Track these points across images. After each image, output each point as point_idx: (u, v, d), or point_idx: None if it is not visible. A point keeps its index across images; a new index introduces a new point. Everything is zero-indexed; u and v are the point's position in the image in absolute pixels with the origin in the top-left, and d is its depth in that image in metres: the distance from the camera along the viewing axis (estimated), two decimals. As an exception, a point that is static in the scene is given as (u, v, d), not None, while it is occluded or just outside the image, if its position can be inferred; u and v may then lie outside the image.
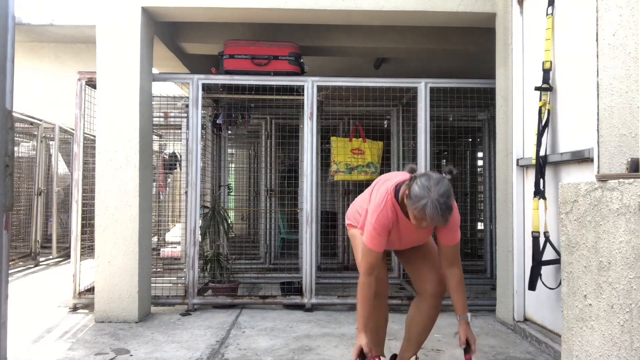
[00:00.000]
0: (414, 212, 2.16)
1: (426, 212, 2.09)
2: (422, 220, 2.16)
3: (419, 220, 2.17)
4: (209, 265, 4.60)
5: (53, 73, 8.48)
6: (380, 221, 2.33)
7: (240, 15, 4.13)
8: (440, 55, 5.60)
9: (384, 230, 2.35)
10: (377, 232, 2.34)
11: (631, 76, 2.31)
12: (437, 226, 2.28)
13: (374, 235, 2.34)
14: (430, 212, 2.09)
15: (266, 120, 6.35)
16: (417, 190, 2.15)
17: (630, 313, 1.53)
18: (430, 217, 2.10)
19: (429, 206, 2.08)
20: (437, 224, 2.17)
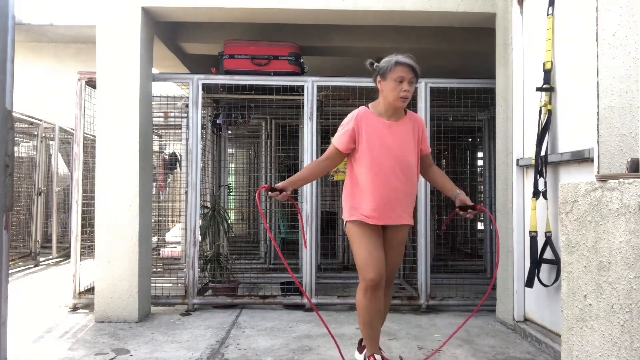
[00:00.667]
0: (392, 74, 2.50)
1: (399, 59, 2.51)
2: (400, 75, 2.48)
3: (398, 77, 2.49)
4: (209, 265, 4.60)
5: (53, 73, 8.47)
6: (347, 120, 2.64)
7: (240, 15, 4.13)
8: (440, 55, 5.59)
9: (350, 128, 2.58)
10: (343, 128, 2.62)
11: (631, 76, 2.31)
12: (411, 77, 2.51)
13: (339, 133, 2.63)
14: (402, 58, 2.51)
15: (266, 120, 6.35)
16: (383, 60, 2.57)
17: (630, 313, 1.53)
18: (407, 62, 2.49)
19: (399, 57, 2.53)
20: (411, 63, 2.50)
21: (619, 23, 2.38)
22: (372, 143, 2.56)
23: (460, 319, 3.99)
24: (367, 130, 2.58)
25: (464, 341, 3.41)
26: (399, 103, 2.55)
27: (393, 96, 2.53)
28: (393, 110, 2.62)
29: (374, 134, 2.58)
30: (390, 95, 2.54)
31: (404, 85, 2.50)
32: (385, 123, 2.61)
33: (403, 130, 2.63)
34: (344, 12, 3.99)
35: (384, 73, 2.54)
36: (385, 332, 3.60)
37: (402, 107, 2.61)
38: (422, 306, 4.24)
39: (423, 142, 2.73)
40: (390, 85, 2.52)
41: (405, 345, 3.32)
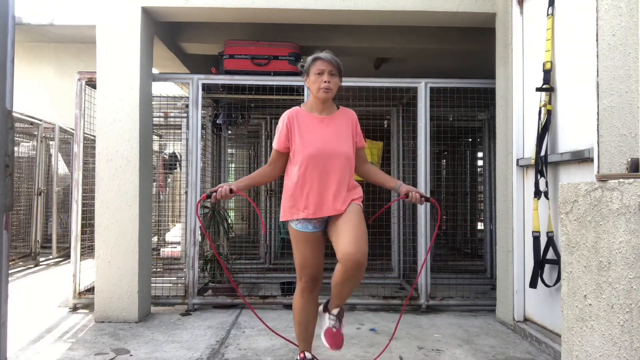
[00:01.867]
0: (313, 68, 2.61)
1: (317, 55, 2.62)
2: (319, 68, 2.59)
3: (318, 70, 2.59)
4: (209, 265, 4.60)
5: (53, 73, 8.48)
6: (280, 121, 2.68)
7: (240, 15, 4.13)
8: (440, 55, 5.59)
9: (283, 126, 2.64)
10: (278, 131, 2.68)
11: (631, 76, 2.31)
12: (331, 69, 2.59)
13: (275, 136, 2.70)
14: (320, 54, 2.62)
15: (266, 120, 6.35)
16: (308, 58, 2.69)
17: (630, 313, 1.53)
18: (323, 56, 2.60)
19: (319, 53, 2.64)
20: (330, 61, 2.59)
21: (619, 23, 2.38)
22: (305, 137, 2.62)
23: (460, 319, 4.00)
24: (299, 127, 2.64)
25: (464, 341, 3.41)
26: (322, 94, 2.61)
27: (315, 88, 2.62)
28: (321, 104, 2.68)
29: (306, 129, 2.64)
30: (313, 87, 2.64)
31: (324, 76, 2.60)
32: (318, 117, 2.68)
33: (336, 124, 2.68)
34: (344, 12, 3.99)
35: (307, 70, 2.67)
36: (385, 332, 3.60)
37: (326, 98, 2.65)
38: (422, 306, 4.24)
39: (358, 137, 2.75)
40: (312, 79, 2.63)
41: (405, 345, 3.32)
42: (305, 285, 2.65)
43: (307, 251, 2.63)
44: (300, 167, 2.59)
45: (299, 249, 2.65)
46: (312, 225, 2.62)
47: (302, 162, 2.59)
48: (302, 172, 2.59)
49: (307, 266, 2.63)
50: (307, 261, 2.63)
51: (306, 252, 2.63)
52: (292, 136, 2.64)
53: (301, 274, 2.66)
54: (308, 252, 2.63)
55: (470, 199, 7.05)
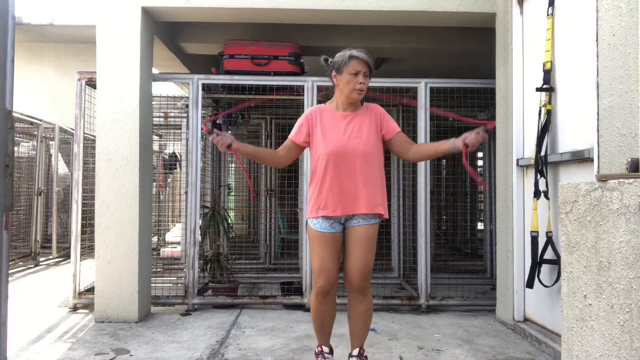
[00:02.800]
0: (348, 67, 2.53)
1: (353, 53, 2.54)
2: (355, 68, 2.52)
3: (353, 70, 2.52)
4: (209, 265, 4.60)
5: (53, 73, 8.48)
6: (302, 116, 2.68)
7: (240, 15, 4.13)
8: (440, 55, 5.59)
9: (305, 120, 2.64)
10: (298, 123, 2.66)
11: (631, 76, 2.31)
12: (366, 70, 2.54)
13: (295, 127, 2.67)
14: (356, 52, 2.54)
15: (266, 120, 6.35)
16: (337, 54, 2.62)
17: (630, 313, 1.53)
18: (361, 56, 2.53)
19: (353, 51, 2.56)
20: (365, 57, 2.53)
21: (619, 23, 2.38)
22: (327, 134, 2.58)
23: (460, 319, 4.00)
24: (322, 123, 2.61)
25: (464, 341, 3.41)
26: (355, 95, 2.57)
27: (349, 89, 2.55)
28: (349, 104, 2.64)
29: (329, 125, 2.60)
30: (346, 88, 2.56)
31: (359, 77, 2.54)
32: (341, 115, 2.63)
33: (360, 121, 2.62)
34: (344, 12, 3.99)
35: (339, 67, 2.57)
36: (385, 332, 3.60)
37: (358, 100, 2.63)
38: (422, 306, 4.24)
39: (386, 127, 2.66)
40: (345, 79, 2.55)
41: (405, 345, 3.32)
42: (320, 290, 2.61)
43: (323, 253, 2.57)
44: (321, 164, 2.57)
45: (316, 250, 2.60)
46: (329, 225, 2.58)
47: (323, 159, 2.56)
48: (323, 170, 2.56)
49: (323, 269, 2.57)
50: (323, 264, 2.57)
51: (323, 254, 2.57)
52: (313, 132, 2.62)
53: (317, 277, 2.61)
54: (325, 253, 2.57)
55: (470, 199, 7.05)
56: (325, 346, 2.74)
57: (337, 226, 2.60)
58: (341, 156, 2.54)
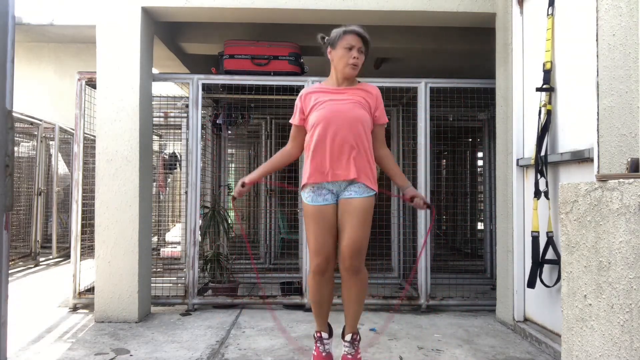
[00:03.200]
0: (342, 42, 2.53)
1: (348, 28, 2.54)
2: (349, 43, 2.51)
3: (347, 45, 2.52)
4: (209, 265, 4.60)
5: (53, 73, 8.48)
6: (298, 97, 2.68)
7: (240, 15, 4.13)
8: (440, 55, 5.59)
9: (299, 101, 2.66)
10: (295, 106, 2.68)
11: (631, 76, 2.31)
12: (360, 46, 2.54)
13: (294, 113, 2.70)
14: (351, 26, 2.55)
15: (266, 120, 6.35)
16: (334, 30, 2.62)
17: (630, 313, 1.53)
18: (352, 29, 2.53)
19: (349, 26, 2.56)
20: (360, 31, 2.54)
21: (619, 23, 2.38)
22: (319, 105, 2.58)
23: (460, 319, 4.00)
24: (315, 98, 2.62)
25: (464, 341, 3.41)
26: (349, 70, 2.55)
27: (343, 63, 2.54)
28: (344, 79, 2.62)
29: (321, 99, 2.60)
30: (340, 63, 2.55)
31: (353, 52, 2.52)
32: (335, 88, 2.64)
33: (354, 93, 2.61)
34: (344, 12, 3.98)
35: (334, 42, 2.57)
36: (385, 332, 3.60)
37: (352, 75, 2.60)
38: (422, 306, 4.24)
39: (379, 111, 2.64)
40: (339, 53, 2.54)
41: (405, 345, 3.32)
42: (316, 269, 2.59)
43: (318, 230, 2.53)
44: (314, 130, 2.55)
45: (311, 227, 2.56)
46: (322, 197, 2.54)
47: (315, 125, 2.54)
48: (314, 137, 2.54)
49: (318, 247, 2.54)
50: (318, 241, 2.54)
51: (317, 231, 2.53)
52: (305, 107, 2.62)
53: (313, 255, 2.58)
54: (319, 230, 2.53)
55: (470, 199, 7.05)
56: (324, 331, 2.72)
57: (329, 197, 2.56)
58: (333, 120, 2.51)
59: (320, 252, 2.55)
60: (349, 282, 2.59)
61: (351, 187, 2.55)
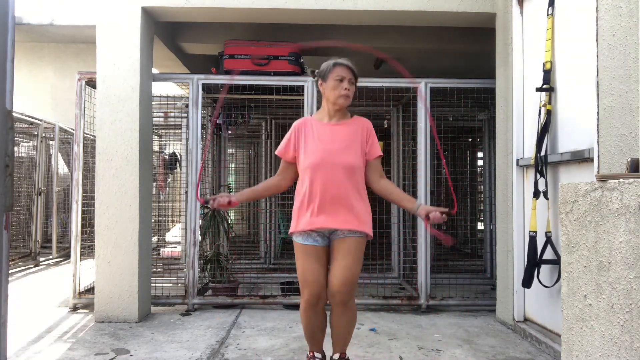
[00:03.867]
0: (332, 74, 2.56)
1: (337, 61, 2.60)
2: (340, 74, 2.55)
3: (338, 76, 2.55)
4: (209, 265, 4.60)
5: (53, 73, 8.48)
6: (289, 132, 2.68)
7: (240, 15, 4.13)
8: (440, 55, 5.59)
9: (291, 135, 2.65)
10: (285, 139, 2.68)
11: (631, 76, 2.31)
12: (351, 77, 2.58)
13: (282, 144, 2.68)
14: (340, 60, 2.60)
15: (266, 120, 6.35)
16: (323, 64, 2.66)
17: (630, 313, 1.53)
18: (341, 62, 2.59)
19: (337, 60, 2.61)
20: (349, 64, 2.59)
21: (619, 23, 2.38)
22: (311, 144, 2.57)
23: (460, 319, 4.00)
24: (307, 134, 2.61)
25: (464, 341, 3.41)
26: (341, 101, 2.58)
27: (335, 95, 2.57)
28: (335, 111, 2.63)
29: (314, 136, 2.59)
30: (332, 94, 2.58)
31: (344, 84, 2.56)
32: (327, 124, 2.63)
33: (345, 131, 2.60)
34: (344, 12, 3.98)
35: (324, 75, 2.61)
36: (385, 332, 3.60)
37: (344, 105, 2.62)
38: (422, 306, 4.24)
39: (370, 145, 2.63)
40: (331, 85, 2.57)
41: (405, 345, 3.32)
42: (307, 304, 2.57)
43: (307, 265, 2.53)
44: (305, 177, 2.55)
45: (300, 263, 2.57)
46: (312, 239, 2.55)
47: (306, 172, 2.55)
48: (305, 183, 2.54)
49: (307, 282, 2.53)
50: (306, 276, 2.53)
51: (306, 266, 2.53)
52: (298, 145, 2.61)
53: (303, 289, 2.57)
54: (308, 266, 2.53)
55: (470, 199, 7.05)
56: (317, 352, 2.70)
57: (320, 240, 2.56)
58: (324, 169, 2.51)
59: (310, 285, 2.53)
60: (338, 315, 2.60)
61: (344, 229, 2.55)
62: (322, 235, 2.56)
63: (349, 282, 2.50)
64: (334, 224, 2.51)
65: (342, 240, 2.53)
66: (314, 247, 2.54)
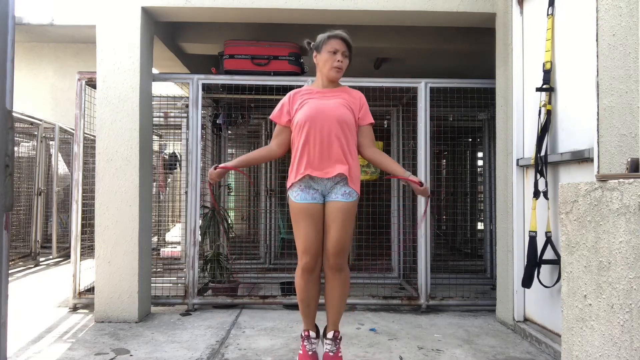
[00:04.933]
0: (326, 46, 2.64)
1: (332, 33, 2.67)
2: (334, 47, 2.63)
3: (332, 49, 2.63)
4: (209, 265, 4.60)
5: (53, 73, 8.48)
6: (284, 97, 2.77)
7: (240, 15, 4.13)
8: (440, 55, 5.59)
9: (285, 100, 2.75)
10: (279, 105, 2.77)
11: (631, 76, 2.31)
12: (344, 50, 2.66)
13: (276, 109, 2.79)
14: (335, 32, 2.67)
15: (266, 120, 6.35)
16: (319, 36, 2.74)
17: (630, 313, 1.53)
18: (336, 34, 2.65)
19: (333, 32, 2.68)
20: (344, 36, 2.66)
21: (619, 23, 2.38)
22: (304, 106, 2.68)
23: (460, 319, 4.00)
24: (301, 100, 2.72)
25: (464, 341, 3.41)
26: (333, 73, 2.67)
27: (327, 67, 2.67)
28: (329, 82, 2.75)
29: (306, 100, 2.70)
30: (324, 66, 2.68)
31: (337, 56, 2.65)
32: (320, 91, 2.74)
33: (338, 95, 2.72)
34: (344, 12, 3.98)
35: (319, 47, 2.70)
36: (385, 332, 3.60)
37: (336, 78, 2.73)
38: (422, 306, 4.24)
39: (363, 112, 2.74)
40: (324, 57, 2.66)
41: (405, 345, 3.32)
42: (305, 267, 2.65)
43: (307, 228, 2.61)
44: (300, 129, 2.63)
45: (299, 225, 2.64)
46: (310, 195, 2.63)
47: (302, 124, 2.63)
48: (300, 135, 2.63)
49: (307, 244, 2.62)
50: (307, 237, 2.61)
51: (306, 229, 2.61)
52: (291, 108, 2.71)
53: (301, 253, 2.64)
54: (308, 227, 2.61)
55: (470, 199, 7.05)
56: (312, 330, 2.79)
57: (317, 197, 2.65)
58: (318, 120, 2.60)
59: (309, 250, 2.62)
60: (332, 281, 2.69)
61: (337, 189, 2.66)
62: (318, 191, 2.65)
63: (344, 244, 2.63)
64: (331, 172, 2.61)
65: (336, 204, 2.63)
66: (314, 206, 2.62)
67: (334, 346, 2.72)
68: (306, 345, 2.77)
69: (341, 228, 2.61)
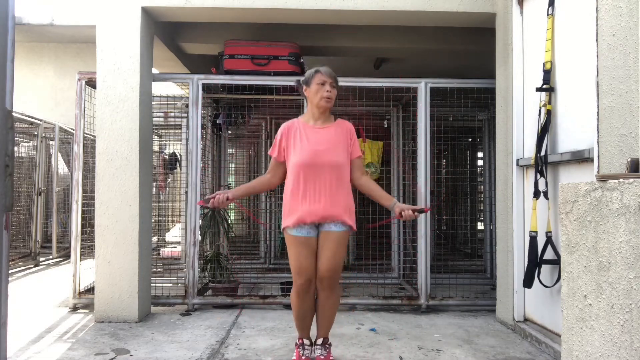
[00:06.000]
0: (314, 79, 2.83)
1: (318, 68, 2.86)
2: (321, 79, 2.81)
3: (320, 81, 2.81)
4: (209, 265, 4.60)
5: (53, 73, 8.48)
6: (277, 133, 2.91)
7: (240, 15, 4.13)
8: (440, 55, 5.59)
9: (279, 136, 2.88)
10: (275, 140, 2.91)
11: (631, 76, 2.31)
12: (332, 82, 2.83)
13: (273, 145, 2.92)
14: (322, 69, 2.86)
15: (266, 120, 6.35)
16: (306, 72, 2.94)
17: (630, 313, 1.53)
18: (324, 70, 2.84)
19: (320, 68, 2.87)
20: (331, 75, 2.84)
21: (619, 23, 2.38)
22: (299, 145, 2.83)
23: (460, 319, 4.00)
24: (294, 136, 2.86)
25: (464, 341, 3.41)
26: (324, 102, 2.83)
27: (317, 98, 2.83)
28: (320, 114, 2.89)
29: (300, 137, 2.84)
30: (315, 97, 2.84)
31: (326, 86, 2.83)
32: (312, 127, 2.88)
33: (330, 132, 2.86)
34: (344, 12, 3.99)
35: (308, 81, 2.89)
36: (385, 332, 3.60)
37: (327, 108, 2.87)
38: (422, 306, 4.24)
39: (353, 146, 2.90)
40: (314, 89, 2.84)
41: (405, 345, 3.32)
42: (300, 288, 2.84)
43: (300, 254, 2.79)
44: (294, 174, 2.79)
45: (293, 252, 2.82)
46: (305, 230, 2.79)
47: (295, 170, 2.78)
48: (296, 180, 2.78)
49: (301, 270, 2.80)
50: (301, 264, 2.79)
51: (299, 255, 2.79)
52: (287, 145, 2.85)
53: (296, 277, 2.83)
54: (302, 256, 2.79)
55: (470, 199, 7.05)
56: (306, 339, 2.96)
57: (311, 231, 2.81)
58: (312, 167, 2.76)
59: (303, 272, 2.80)
60: (324, 299, 2.88)
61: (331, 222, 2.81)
62: (312, 226, 2.81)
63: (335, 269, 2.81)
64: (322, 217, 2.77)
65: (329, 233, 2.80)
66: (308, 239, 2.81)
67: (324, 350, 2.92)
68: (300, 351, 2.94)
69: (334, 254, 2.79)
